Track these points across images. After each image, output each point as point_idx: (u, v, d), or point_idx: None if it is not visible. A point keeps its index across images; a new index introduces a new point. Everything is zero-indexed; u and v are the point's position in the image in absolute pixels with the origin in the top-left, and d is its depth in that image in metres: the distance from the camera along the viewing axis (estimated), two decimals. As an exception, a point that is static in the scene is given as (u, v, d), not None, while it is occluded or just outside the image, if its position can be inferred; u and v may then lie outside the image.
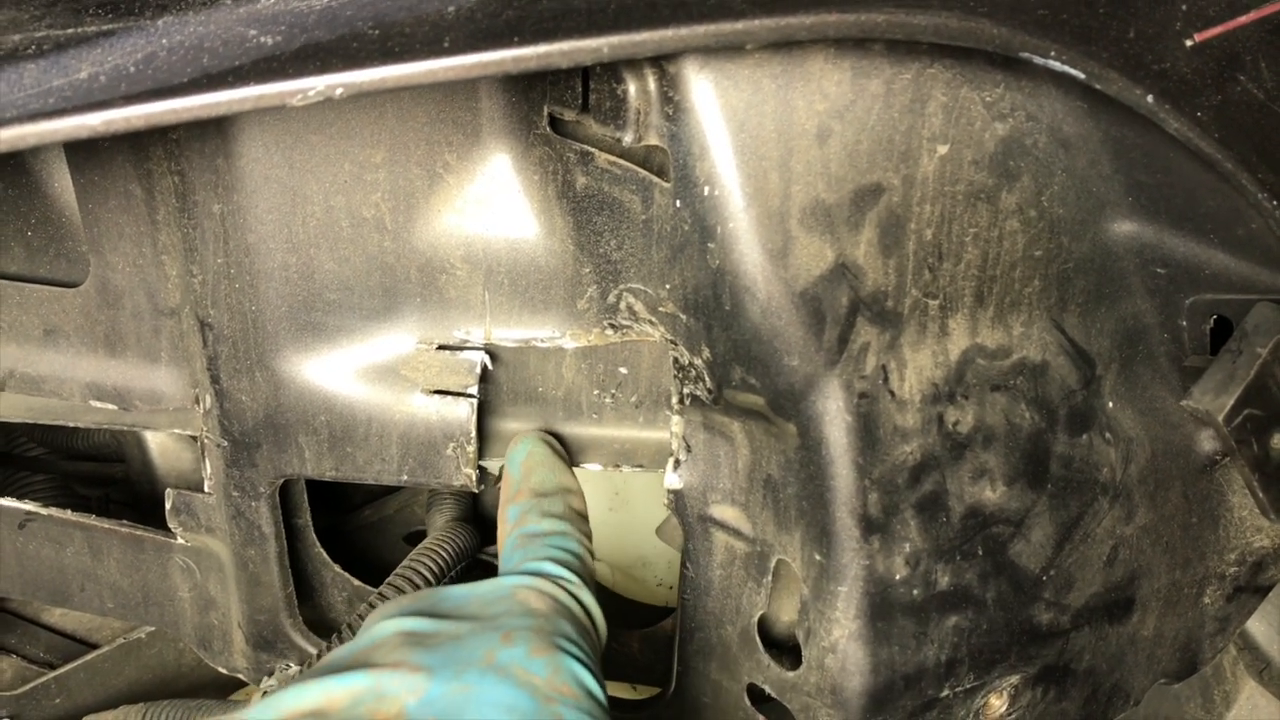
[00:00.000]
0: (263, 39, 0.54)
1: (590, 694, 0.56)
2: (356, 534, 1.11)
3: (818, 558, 0.69)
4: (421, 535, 1.00)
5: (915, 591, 0.70)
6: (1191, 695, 1.17)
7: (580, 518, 0.74)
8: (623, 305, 0.74)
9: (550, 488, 0.74)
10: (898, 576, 0.69)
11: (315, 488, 0.91)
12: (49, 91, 0.53)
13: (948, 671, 0.73)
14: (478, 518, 1.06)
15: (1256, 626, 1.12)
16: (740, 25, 0.53)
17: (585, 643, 0.60)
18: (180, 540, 0.88)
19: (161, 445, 1.09)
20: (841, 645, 0.69)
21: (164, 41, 0.55)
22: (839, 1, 0.54)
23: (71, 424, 0.87)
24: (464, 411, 0.77)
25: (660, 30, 0.52)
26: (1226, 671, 1.16)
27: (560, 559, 0.67)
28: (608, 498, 0.93)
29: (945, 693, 0.74)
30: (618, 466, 0.81)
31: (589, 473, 0.83)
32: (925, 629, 0.71)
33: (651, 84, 0.62)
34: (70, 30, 0.58)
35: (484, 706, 0.52)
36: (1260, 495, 0.72)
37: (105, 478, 1.24)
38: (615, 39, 0.52)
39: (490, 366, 0.77)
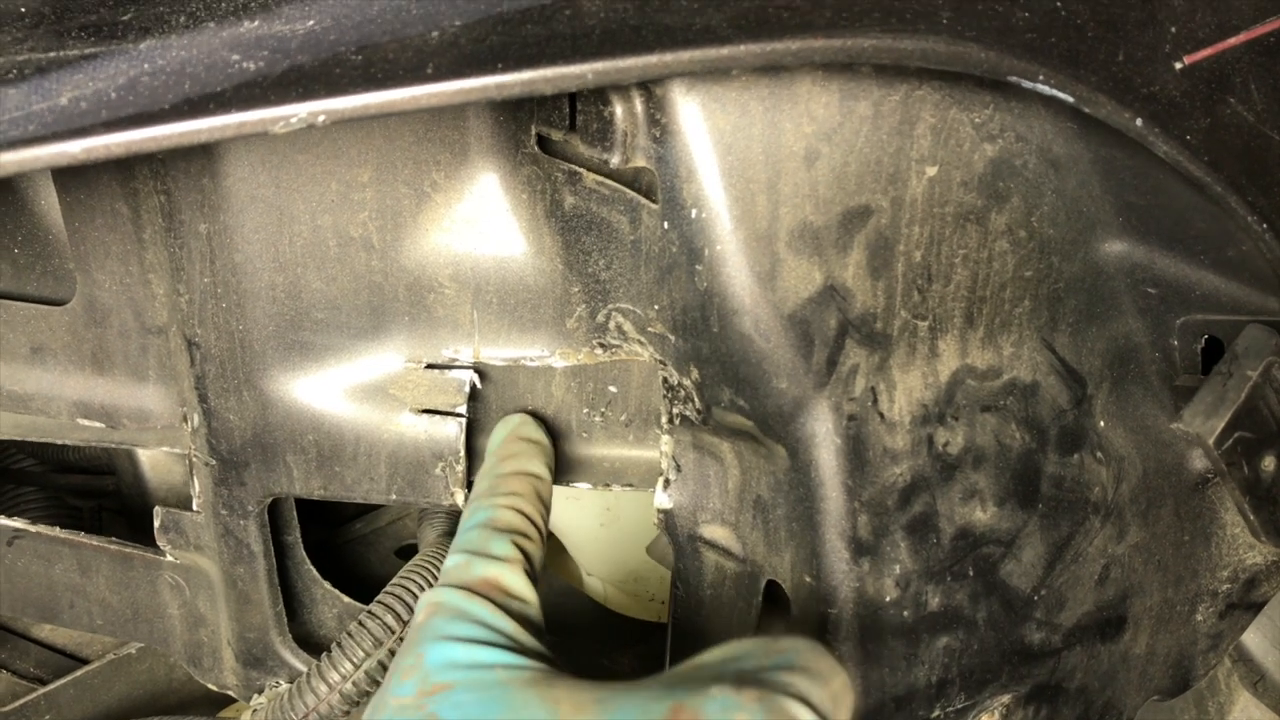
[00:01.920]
0: (245, 64, 0.53)
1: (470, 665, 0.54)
2: (347, 548, 1.11)
3: (808, 579, 0.69)
4: (413, 550, 1.00)
5: (906, 613, 0.69)
6: (1186, 708, 1.17)
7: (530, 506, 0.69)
8: (612, 325, 0.74)
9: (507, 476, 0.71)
10: (888, 598, 0.68)
11: (305, 501, 0.91)
12: (30, 117, 0.52)
13: (939, 692, 0.72)
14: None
15: (1251, 639, 1.12)
16: (725, 51, 0.52)
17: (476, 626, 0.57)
18: (169, 558, 0.88)
19: (152, 459, 1.09)
20: (831, 667, 0.69)
21: (146, 66, 0.54)
22: (825, 26, 0.54)
23: (59, 441, 0.87)
24: (453, 430, 0.76)
25: (645, 56, 0.52)
26: (1221, 684, 1.16)
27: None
28: (599, 514, 0.93)
29: (936, 713, 0.73)
30: (607, 485, 0.80)
31: (579, 491, 0.83)
32: (916, 650, 0.71)
33: (638, 106, 0.62)
34: (52, 54, 0.57)
35: None
36: (1251, 517, 0.72)
37: (97, 490, 1.24)
38: (600, 65, 0.52)
39: (479, 385, 0.77)
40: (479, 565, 0.60)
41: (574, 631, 1.10)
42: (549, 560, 1.11)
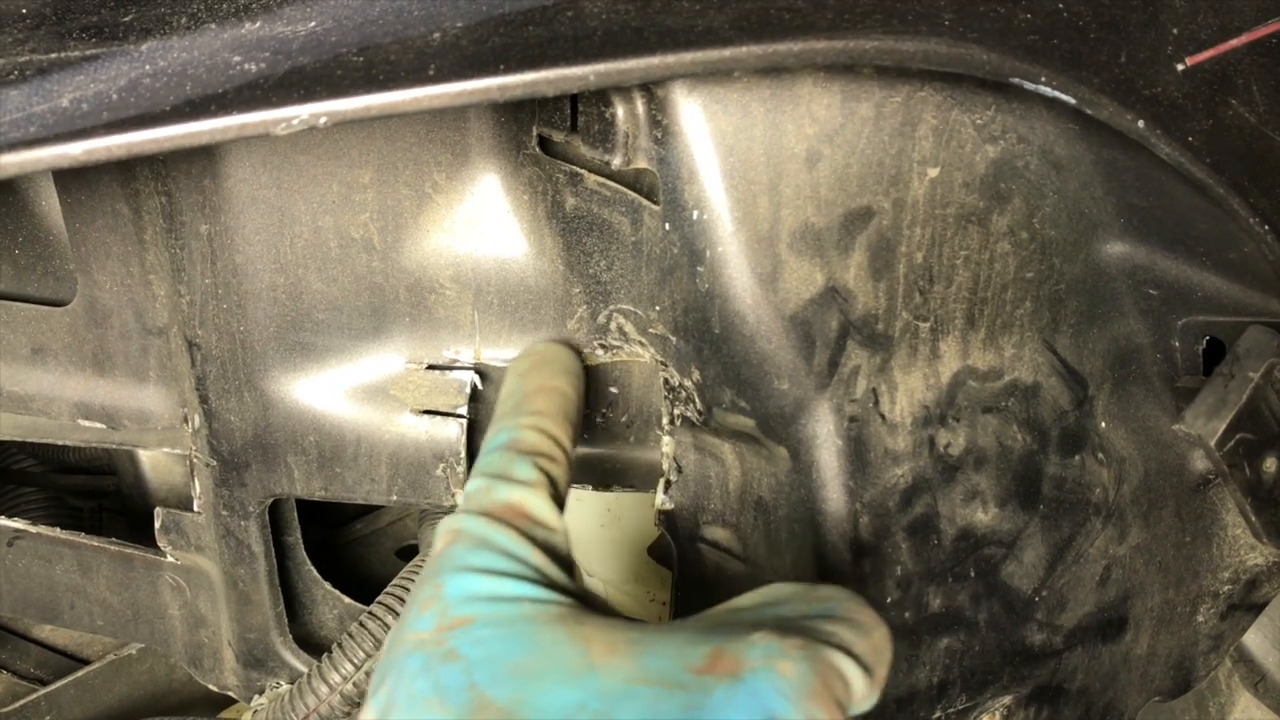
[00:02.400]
0: (247, 65, 0.53)
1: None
2: (348, 548, 1.11)
3: (809, 580, 0.69)
4: (414, 550, 1.00)
5: (907, 614, 0.69)
6: (1186, 708, 1.17)
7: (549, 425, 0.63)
8: (613, 326, 0.74)
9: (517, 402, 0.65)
10: (889, 599, 0.68)
11: (306, 502, 0.91)
12: (31, 118, 0.52)
13: (940, 693, 0.72)
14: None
15: (1252, 639, 1.12)
16: (727, 53, 0.52)
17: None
18: (170, 558, 0.88)
19: (153, 460, 1.09)
20: (833, 668, 0.69)
21: (147, 67, 0.54)
22: (827, 27, 0.54)
23: (60, 442, 0.87)
24: (454, 431, 0.76)
25: (647, 58, 0.52)
26: (1222, 684, 1.16)
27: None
28: (600, 515, 0.93)
29: (937, 714, 0.73)
30: (608, 486, 0.80)
31: (580, 492, 0.83)
32: (917, 651, 0.71)
33: (640, 107, 0.62)
34: (54, 55, 0.57)
35: None
36: (1253, 519, 0.72)
37: (97, 490, 1.24)
38: (601, 66, 0.51)
39: (480, 386, 0.77)
40: (501, 489, 0.55)
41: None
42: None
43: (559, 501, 0.57)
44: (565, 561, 0.54)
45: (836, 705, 0.45)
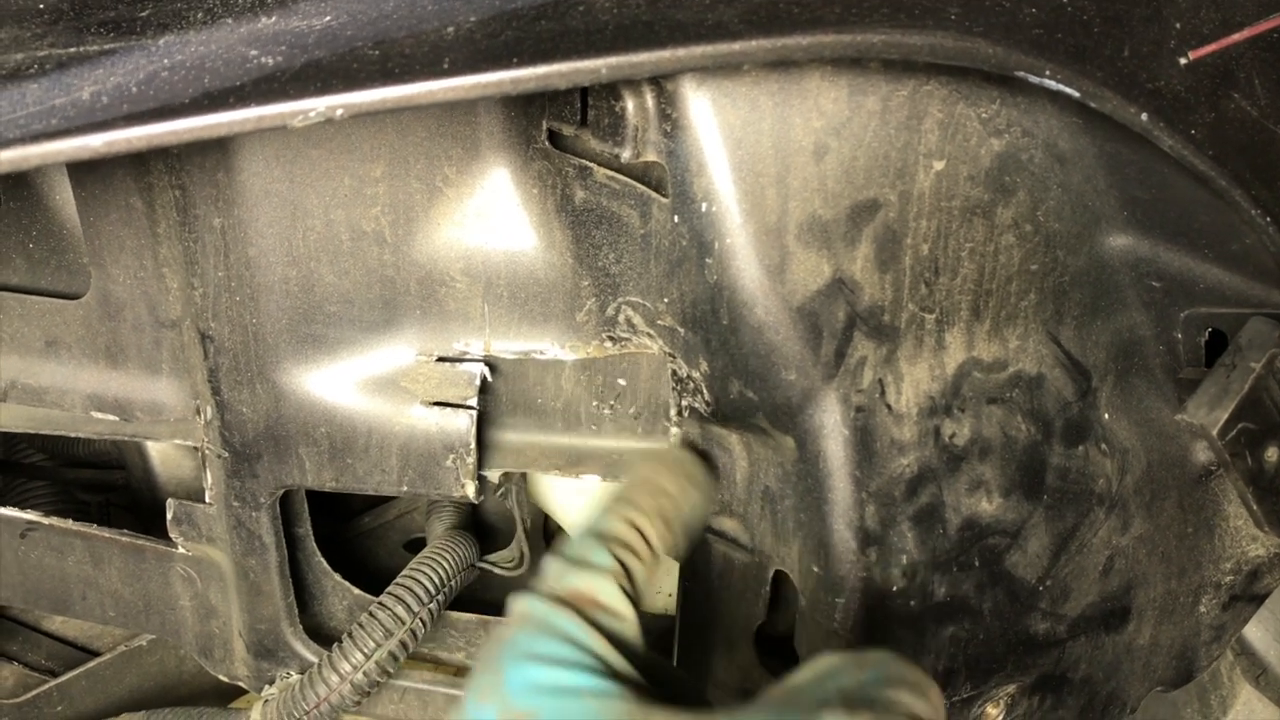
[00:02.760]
0: (263, 59, 0.54)
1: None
2: (356, 541, 1.12)
3: (815, 569, 0.70)
4: (421, 543, 1.00)
5: (912, 602, 0.70)
6: (1188, 700, 1.17)
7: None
8: (621, 318, 0.75)
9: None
10: (895, 588, 0.69)
11: (315, 495, 0.91)
12: (51, 111, 0.53)
13: (945, 681, 0.73)
14: (477, 525, 1.06)
15: (1253, 632, 1.13)
16: (737, 46, 0.53)
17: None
18: (181, 550, 0.89)
19: (162, 453, 1.10)
20: (839, 656, 0.70)
21: (165, 61, 0.55)
22: (835, 21, 0.54)
23: (73, 434, 0.87)
24: (463, 423, 0.77)
25: (658, 51, 0.53)
26: (1223, 677, 1.17)
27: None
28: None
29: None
30: (616, 478, 0.81)
31: (588, 483, 0.83)
32: (922, 640, 0.71)
33: (649, 101, 0.63)
34: (72, 49, 0.58)
35: None
36: (1255, 508, 0.73)
37: (106, 484, 1.24)
38: (613, 60, 0.52)
39: (489, 378, 0.78)
40: (573, 575, 0.55)
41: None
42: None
43: (632, 593, 0.56)
44: (632, 650, 0.53)
45: None
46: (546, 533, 1.12)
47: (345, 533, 1.11)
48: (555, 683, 0.49)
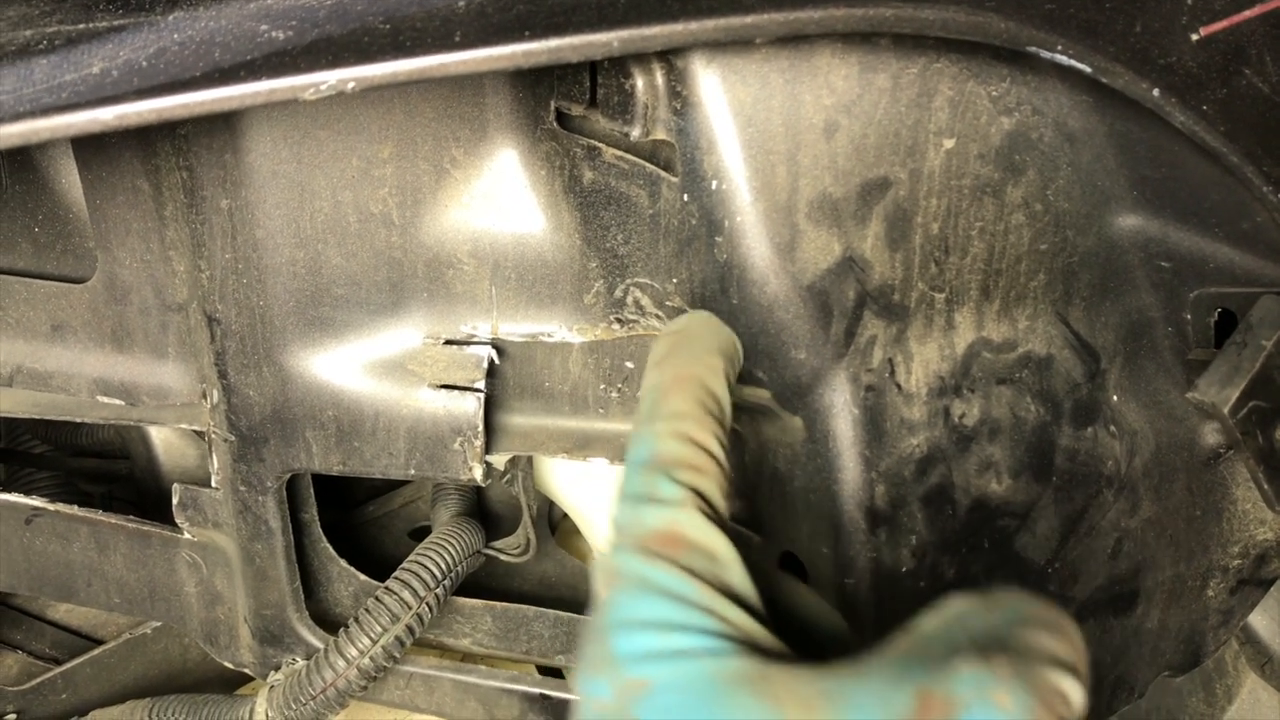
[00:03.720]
0: (274, 34, 0.54)
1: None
2: (361, 529, 1.12)
3: (825, 550, 0.70)
4: (427, 531, 1.00)
5: (922, 583, 0.70)
6: (1193, 689, 1.17)
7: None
8: (629, 300, 0.74)
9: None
10: (905, 569, 0.69)
11: (320, 483, 0.91)
12: (61, 86, 0.53)
13: (953, 664, 0.73)
14: (483, 512, 1.06)
15: (1259, 620, 1.12)
16: (749, 20, 0.53)
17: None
18: (187, 535, 0.89)
19: (166, 441, 1.10)
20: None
21: (175, 36, 0.55)
22: (847, -4, 0.54)
23: (79, 419, 0.87)
24: (471, 406, 0.77)
25: (670, 25, 0.52)
26: (1229, 665, 1.17)
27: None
28: (613, 491, 0.94)
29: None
30: (624, 461, 0.81)
31: (599, 467, 0.83)
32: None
33: (659, 79, 0.63)
34: (81, 26, 0.58)
35: None
36: (1265, 487, 0.73)
37: (109, 474, 1.24)
38: (625, 33, 0.52)
39: (497, 361, 0.78)
40: (649, 514, 0.50)
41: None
42: (564, 541, 1.12)
43: (718, 516, 0.51)
44: (736, 591, 0.49)
45: (1083, 692, 0.42)
46: (551, 520, 1.12)
47: (350, 521, 1.11)
48: (665, 647, 0.45)
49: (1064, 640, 0.43)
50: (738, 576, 0.49)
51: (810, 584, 0.72)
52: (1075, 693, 0.42)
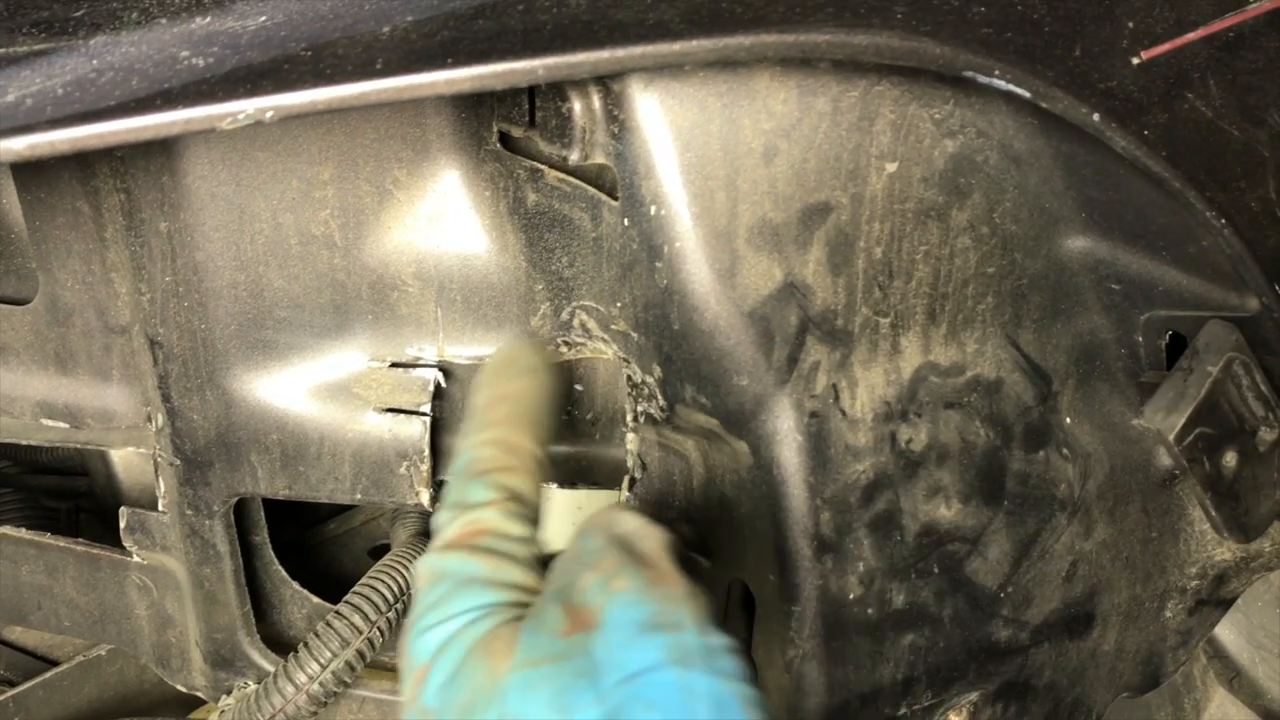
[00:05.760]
0: (194, 60, 0.53)
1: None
2: (321, 548, 1.10)
3: (771, 577, 0.69)
4: (387, 549, 0.99)
5: (870, 610, 0.69)
6: (1162, 704, 1.17)
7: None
8: (576, 323, 0.73)
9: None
10: (852, 595, 0.68)
11: (279, 501, 0.90)
12: (-25, 114, 0.52)
13: (905, 690, 0.72)
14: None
15: (1225, 635, 1.12)
16: (677, 46, 0.52)
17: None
18: (136, 559, 0.87)
19: (124, 459, 1.08)
20: (796, 665, 0.69)
21: (95, 63, 0.54)
22: (780, 21, 0.53)
23: (23, 441, 0.86)
24: (417, 430, 0.76)
25: (596, 52, 0.52)
26: (1197, 680, 1.16)
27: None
28: (571, 513, 0.93)
29: (903, 711, 0.73)
30: (574, 485, 0.80)
31: (551, 491, 0.82)
32: (881, 648, 0.70)
33: (596, 102, 0.62)
34: (2, 51, 0.57)
35: None
36: (1213, 514, 0.72)
37: (71, 491, 1.23)
38: (551, 60, 0.51)
39: (444, 384, 0.76)
40: (458, 518, 0.56)
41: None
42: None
43: (526, 508, 0.57)
44: (531, 560, 0.55)
45: (676, 564, 0.51)
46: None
47: (309, 539, 1.10)
48: (446, 631, 0.51)
49: (635, 515, 0.54)
50: (529, 546, 0.56)
51: (758, 612, 0.71)
52: (662, 539, 0.53)
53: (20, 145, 0.50)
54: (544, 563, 0.55)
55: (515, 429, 0.61)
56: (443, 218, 0.73)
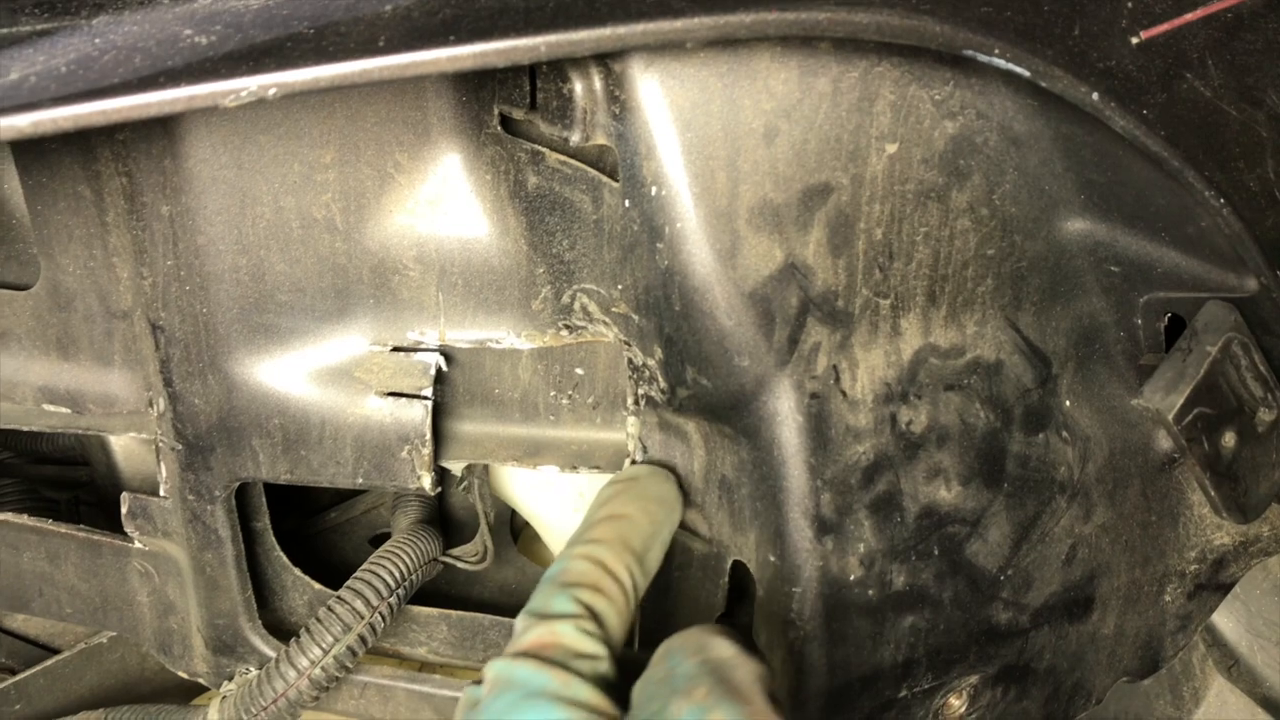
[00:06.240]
0: (197, 39, 0.53)
1: None
2: (322, 536, 1.10)
3: (772, 559, 0.69)
4: (387, 537, 0.99)
5: (870, 592, 0.69)
6: (1160, 692, 1.17)
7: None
8: (577, 306, 0.74)
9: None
10: (852, 577, 0.68)
11: (282, 489, 0.90)
12: (-21, 92, 0.52)
13: (905, 672, 0.72)
14: (443, 519, 1.05)
15: (1224, 623, 1.12)
16: (679, 24, 0.52)
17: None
18: (138, 545, 0.88)
19: (125, 448, 1.08)
20: (797, 646, 0.69)
21: (98, 41, 0.54)
22: (781, 0, 0.54)
23: (25, 428, 0.86)
24: (419, 414, 0.76)
25: (598, 29, 0.52)
26: (1195, 668, 1.16)
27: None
28: (572, 499, 0.93)
29: (903, 693, 0.73)
30: (575, 468, 0.80)
31: (550, 476, 0.82)
32: (881, 629, 0.71)
33: (597, 83, 0.62)
34: (5, 30, 0.57)
35: None
36: (1212, 493, 0.72)
37: (71, 481, 1.23)
38: (552, 37, 0.51)
39: (445, 368, 0.77)
40: (537, 626, 0.57)
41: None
42: (525, 548, 1.11)
43: (606, 631, 0.58)
44: (603, 681, 0.55)
45: (769, 699, 0.50)
46: (513, 527, 1.11)
47: (310, 527, 1.10)
48: None
49: (730, 642, 0.53)
50: (603, 666, 0.55)
51: (758, 593, 0.71)
52: (762, 674, 0.51)
53: (24, 122, 0.50)
54: (612, 686, 0.55)
55: (612, 551, 0.62)
56: (444, 201, 0.73)
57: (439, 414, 0.78)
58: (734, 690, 0.50)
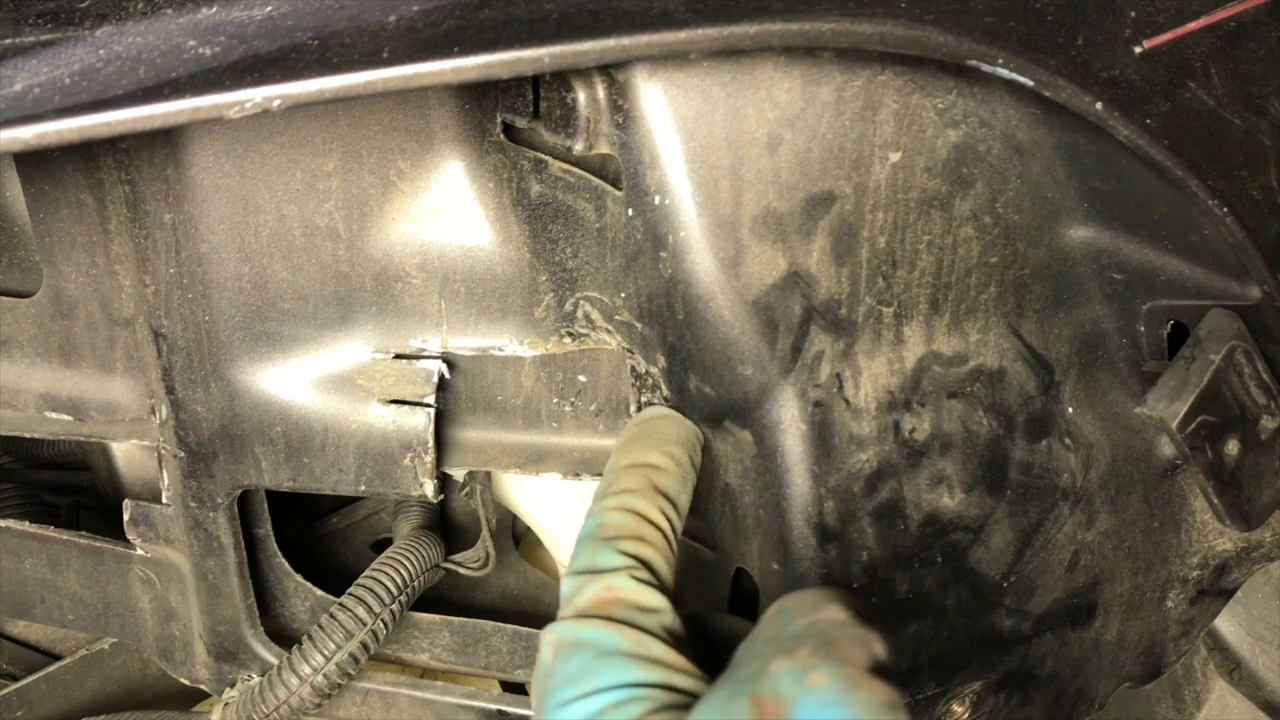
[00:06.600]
0: (201, 50, 0.53)
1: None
2: (323, 541, 1.10)
3: (775, 566, 0.69)
4: (389, 543, 0.99)
5: (874, 599, 0.69)
6: (1162, 696, 1.17)
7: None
8: (580, 313, 0.74)
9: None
10: (856, 585, 0.68)
11: (282, 495, 0.90)
12: (-17, 104, 0.52)
13: (908, 679, 0.73)
14: (445, 525, 1.05)
15: (1226, 627, 1.12)
16: (683, 35, 0.52)
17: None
18: (140, 551, 0.88)
19: (126, 454, 1.08)
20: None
21: (101, 53, 0.54)
22: (784, 10, 0.54)
23: (27, 435, 0.86)
24: (421, 421, 0.76)
25: (602, 40, 0.52)
26: (1197, 672, 1.17)
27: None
28: (575, 506, 0.93)
29: (906, 700, 0.73)
30: (578, 475, 0.80)
31: (554, 483, 0.82)
32: (884, 637, 0.70)
33: (601, 92, 0.62)
34: (9, 41, 0.57)
35: None
36: (1215, 501, 0.72)
37: (72, 486, 1.23)
38: (556, 49, 0.51)
39: (448, 375, 0.77)
40: (590, 584, 0.55)
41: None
42: (527, 554, 1.11)
43: (659, 579, 0.56)
44: (663, 632, 0.53)
45: (874, 673, 0.46)
46: (515, 533, 1.11)
47: (312, 533, 1.10)
48: (587, 709, 0.49)
49: (848, 606, 0.51)
50: (668, 619, 0.53)
51: (761, 600, 0.71)
52: (875, 643, 0.48)
53: (28, 134, 0.50)
54: (681, 641, 0.53)
55: (645, 498, 0.60)
56: (447, 209, 0.73)
57: (441, 421, 0.78)
58: (839, 653, 0.47)
